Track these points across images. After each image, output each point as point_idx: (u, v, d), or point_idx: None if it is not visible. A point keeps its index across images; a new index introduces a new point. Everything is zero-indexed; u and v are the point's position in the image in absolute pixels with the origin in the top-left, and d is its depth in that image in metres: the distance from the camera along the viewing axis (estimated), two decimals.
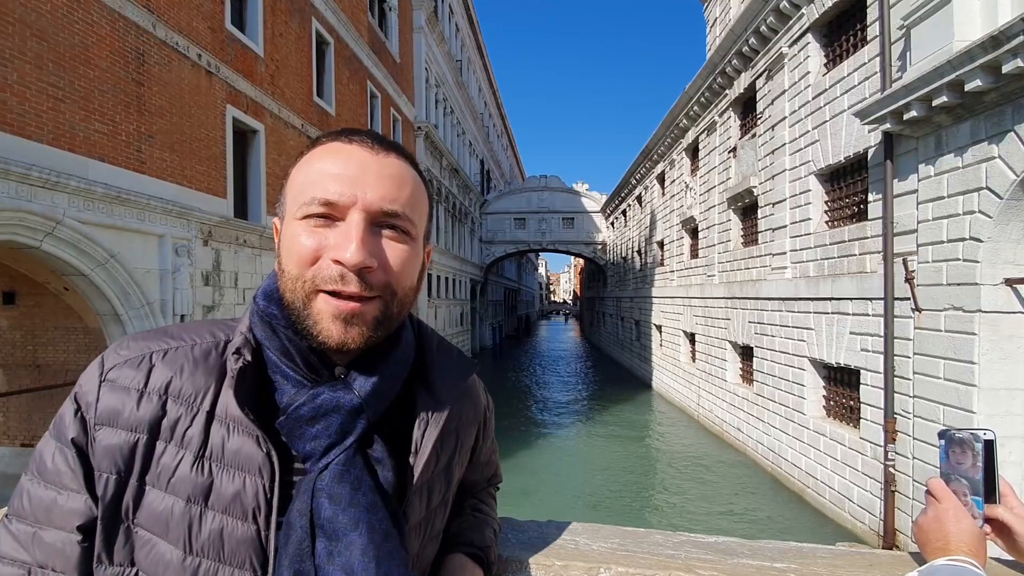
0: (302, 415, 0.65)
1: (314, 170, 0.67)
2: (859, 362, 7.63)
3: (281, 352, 0.68)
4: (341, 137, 0.68)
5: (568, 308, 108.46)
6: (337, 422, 0.66)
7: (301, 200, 0.65)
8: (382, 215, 0.66)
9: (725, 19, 14.09)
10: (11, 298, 7.76)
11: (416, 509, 0.73)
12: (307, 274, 0.64)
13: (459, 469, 0.84)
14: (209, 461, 0.64)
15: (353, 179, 0.65)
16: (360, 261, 0.63)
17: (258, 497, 0.63)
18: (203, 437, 0.64)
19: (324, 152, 0.68)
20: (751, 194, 11.38)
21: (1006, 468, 5.64)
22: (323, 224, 0.64)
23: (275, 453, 0.64)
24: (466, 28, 30.94)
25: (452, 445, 0.80)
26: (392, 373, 0.72)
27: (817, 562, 1.00)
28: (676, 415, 15.80)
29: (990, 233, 5.57)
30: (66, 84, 6.07)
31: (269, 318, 0.69)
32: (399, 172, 0.69)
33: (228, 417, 0.65)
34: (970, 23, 5.73)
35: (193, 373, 0.67)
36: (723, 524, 8.27)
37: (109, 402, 0.64)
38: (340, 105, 13.75)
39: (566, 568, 0.97)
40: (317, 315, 0.64)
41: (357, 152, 0.67)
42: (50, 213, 5.79)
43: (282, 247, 0.68)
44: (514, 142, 59.65)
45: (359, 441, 0.67)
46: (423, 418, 0.73)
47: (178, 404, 0.65)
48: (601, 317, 36.03)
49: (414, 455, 0.72)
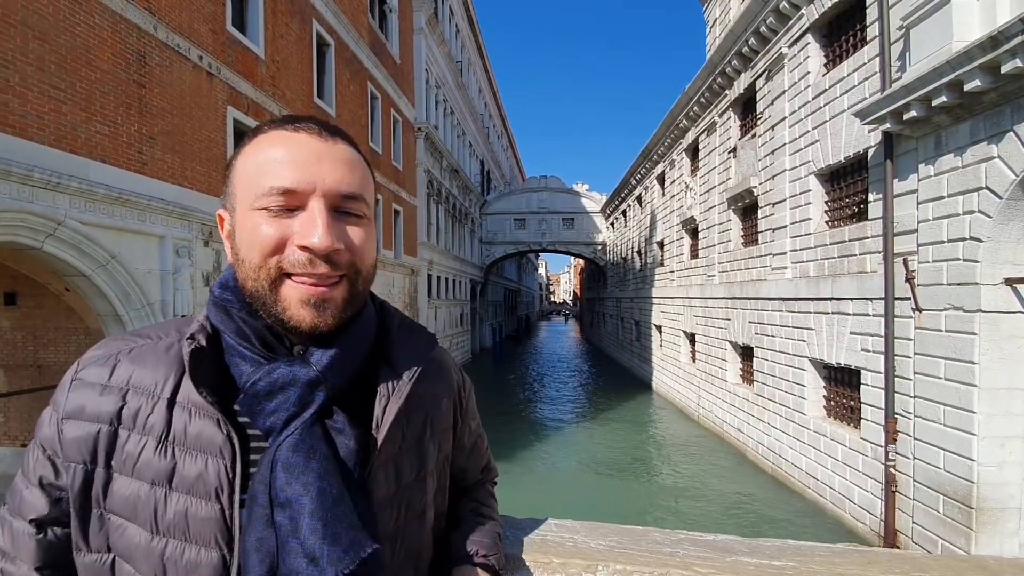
0: (259, 390, 0.67)
1: (265, 159, 0.68)
2: (859, 362, 7.63)
3: (237, 334, 0.70)
4: (286, 125, 0.70)
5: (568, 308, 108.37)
6: (295, 395, 0.67)
7: (257, 190, 0.67)
8: (341, 198, 0.68)
9: (725, 20, 14.09)
10: (12, 299, 7.78)
11: (382, 483, 0.73)
12: (271, 262, 0.66)
13: (435, 449, 0.83)
14: (172, 445, 0.67)
15: (308, 166, 0.67)
16: (329, 245, 0.65)
17: (220, 477, 0.65)
18: (166, 423, 0.67)
19: (272, 140, 0.69)
20: (751, 194, 11.38)
21: (1006, 468, 5.64)
22: (283, 213, 0.66)
23: (235, 434, 0.66)
24: (466, 29, 30.95)
25: (420, 422, 0.81)
26: (351, 346, 0.73)
27: (815, 560, 1.00)
28: (676, 415, 15.79)
29: (990, 233, 5.57)
30: (68, 86, 6.08)
31: (224, 303, 0.71)
32: (349, 157, 0.71)
33: (190, 403, 0.68)
34: (969, 23, 5.73)
35: (155, 365, 0.70)
36: (723, 524, 8.26)
37: (75, 399, 0.69)
38: (340, 106, 13.76)
39: (565, 566, 0.97)
40: (285, 301, 0.67)
41: (307, 140, 0.69)
42: (52, 214, 5.80)
43: (239, 238, 0.69)
44: (514, 143, 59.65)
45: (319, 413, 0.68)
46: (383, 393, 0.74)
47: (139, 394, 0.68)
48: (601, 317, 36.00)
49: (376, 429, 0.73)
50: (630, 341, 25.19)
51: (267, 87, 10.32)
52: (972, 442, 5.71)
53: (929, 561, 1.00)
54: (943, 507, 6.11)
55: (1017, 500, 5.65)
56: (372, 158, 16.04)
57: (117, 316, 6.89)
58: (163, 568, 0.64)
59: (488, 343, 36.25)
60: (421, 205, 20.95)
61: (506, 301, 50.82)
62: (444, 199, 24.61)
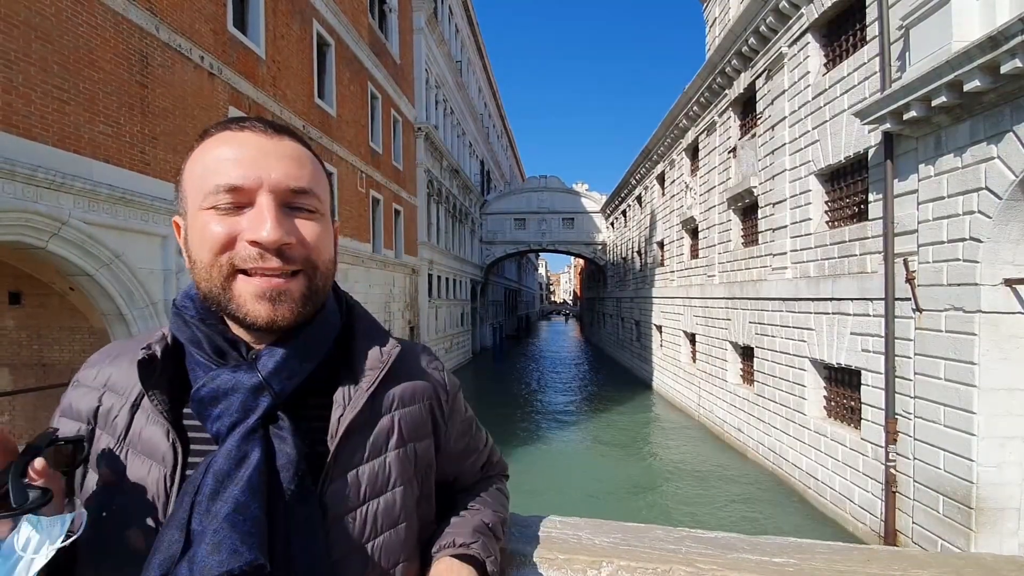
0: (203, 396, 0.68)
1: (211, 159, 0.68)
2: (860, 362, 7.64)
3: (190, 340, 0.72)
4: (232, 125, 0.71)
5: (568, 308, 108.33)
6: (238, 400, 0.67)
7: (204, 190, 0.67)
8: (290, 193, 0.69)
9: (724, 19, 14.09)
10: (17, 298, 7.81)
11: (340, 495, 0.70)
12: (222, 259, 0.66)
13: (409, 458, 0.78)
14: (127, 447, 0.69)
15: (254, 162, 0.67)
16: (278, 239, 0.65)
17: (158, 484, 0.67)
18: (126, 425, 0.70)
19: (217, 141, 0.69)
20: (751, 194, 11.38)
21: (1006, 468, 5.66)
22: (231, 212, 0.66)
23: (180, 443, 0.68)
24: (466, 29, 30.94)
25: (386, 430, 0.76)
26: (301, 351, 0.71)
27: (816, 557, 1.02)
28: (676, 415, 15.80)
29: (990, 233, 5.58)
30: (71, 86, 6.10)
31: (181, 311, 0.73)
32: (297, 152, 0.72)
33: (148, 408, 0.70)
34: (968, 24, 5.74)
35: (129, 369, 0.72)
36: (723, 523, 8.28)
37: (68, 399, 0.76)
38: (341, 106, 13.77)
39: (569, 562, 0.99)
40: (239, 297, 0.67)
41: (252, 137, 0.69)
42: (56, 214, 5.83)
43: (190, 239, 0.69)
44: (514, 142, 59.62)
45: (264, 419, 0.67)
46: (339, 401, 0.73)
47: (112, 395, 0.73)
48: (601, 317, 36.00)
49: (330, 439, 0.71)
50: (630, 341, 25.20)
51: (268, 87, 10.34)
52: (972, 442, 5.72)
53: (927, 558, 1.02)
54: (943, 507, 6.13)
55: (1017, 500, 5.66)
56: (372, 158, 16.04)
57: (121, 315, 6.92)
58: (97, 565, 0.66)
59: (488, 343, 36.25)
60: (421, 205, 20.96)
61: (506, 301, 50.82)
62: (444, 199, 24.62)
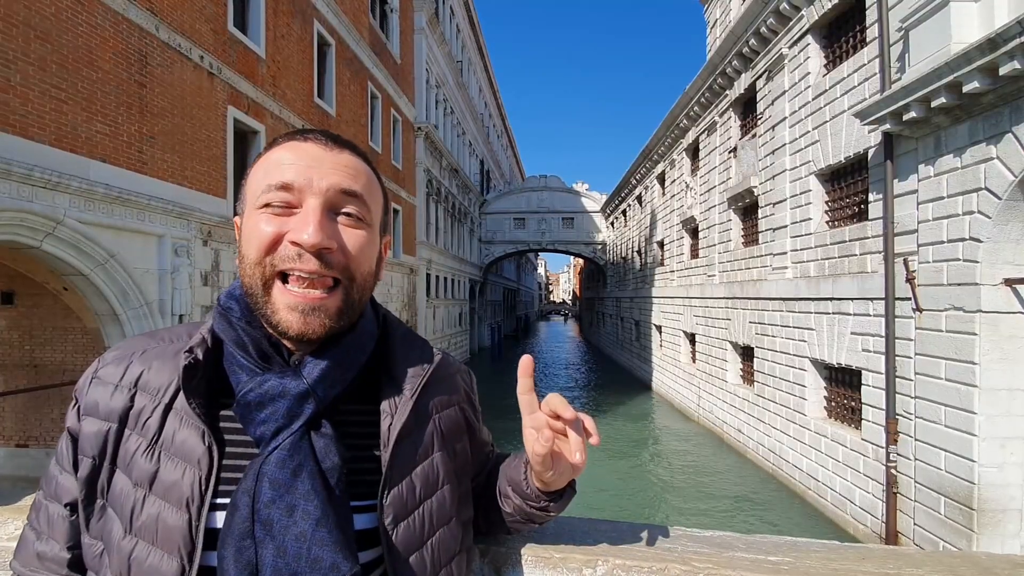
0: (250, 401, 0.69)
1: (271, 162, 0.72)
2: (860, 362, 7.63)
3: (236, 343, 0.72)
4: (297, 136, 0.74)
5: (567, 308, 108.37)
6: (284, 407, 0.68)
7: (259, 190, 0.70)
8: (339, 195, 0.71)
9: (725, 20, 14.11)
10: (10, 298, 7.76)
11: (401, 499, 0.73)
12: (266, 260, 0.69)
13: (450, 458, 0.82)
14: (160, 449, 0.69)
15: (308, 167, 0.70)
16: (318, 242, 0.67)
17: (193, 488, 0.67)
18: (159, 427, 0.70)
19: (281, 148, 0.73)
20: (751, 194, 11.39)
21: (1007, 469, 5.65)
22: (282, 213, 0.69)
23: (217, 447, 0.68)
24: (467, 29, 30.98)
25: (430, 433, 0.79)
26: (344, 359, 0.73)
27: (811, 556, 1.01)
28: (676, 416, 15.80)
29: (989, 233, 5.58)
30: (69, 86, 6.09)
31: (227, 312, 0.74)
32: (353, 164, 0.74)
33: (183, 410, 0.69)
34: (967, 26, 5.74)
35: (161, 369, 0.72)
36: (722, 525, 8.26)
37: (92, 396, 0.73)
38: (341, 106, 13.78)
39: (564, 560, 0.98)
40: (274, 303, 0.69)
41: (311, 147, 0.72)
42: (51, 213, 5.81)
43: (243, 237, 0.72)
44: (514, 142, 59.70)
45: (308, 425, 0.69)
46: (387, 411, 0.75)
47: (145, 396, 0.71)
48: (601, 317, 36.01)
49: (384, 448, 0.73)
50: (630, 341, 25.20)
51: (268, 87, 10.34)
52: (973, 443, 5.71)
53: (922, 557, 1.01)
54: (944, 508, 6.12)
55: (1018, 501, 5.65)
56: (372, 157, 15.97)
57: (115, 315, 6.90)
58: (128, 567, 0.65)
59: (487, 343, 36.26)
60: (420, 204, 20.97)
61: (505, 301, 50.85)
62: (443, 198, 24.63)
